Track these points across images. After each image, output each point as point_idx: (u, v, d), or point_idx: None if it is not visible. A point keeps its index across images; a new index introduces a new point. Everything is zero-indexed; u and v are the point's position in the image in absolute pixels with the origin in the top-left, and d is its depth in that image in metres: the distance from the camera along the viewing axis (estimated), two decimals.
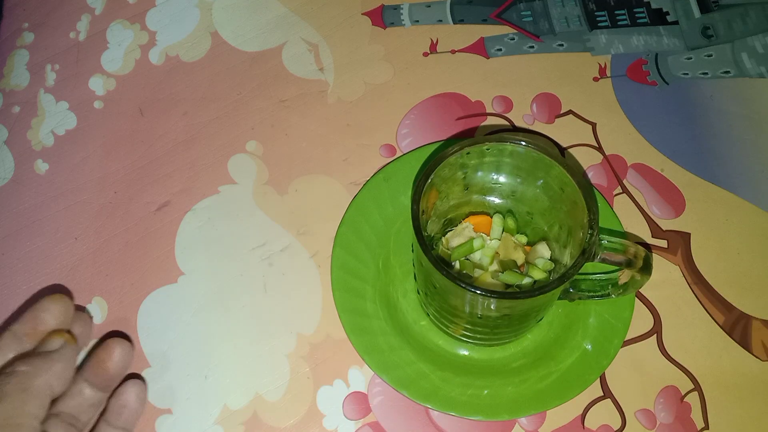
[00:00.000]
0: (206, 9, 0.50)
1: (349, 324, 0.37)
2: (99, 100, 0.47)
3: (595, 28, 0.48)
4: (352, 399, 0.38)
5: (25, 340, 0.32)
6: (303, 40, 0.48)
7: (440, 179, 0.32)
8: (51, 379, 0.30)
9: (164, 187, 0.44)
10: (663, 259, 0.40)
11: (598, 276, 0.35)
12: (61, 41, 0.50)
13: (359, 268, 0.39)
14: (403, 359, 0.37)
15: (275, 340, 0.39)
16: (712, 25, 0.47)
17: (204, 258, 0.42)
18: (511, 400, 0.35)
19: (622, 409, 0.37)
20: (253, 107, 0.46)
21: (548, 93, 0.46)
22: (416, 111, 0.45)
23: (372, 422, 0.37)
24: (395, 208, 0.40)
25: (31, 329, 0.32)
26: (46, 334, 0.32)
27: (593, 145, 0.44)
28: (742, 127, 0.44)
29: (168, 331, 0.40)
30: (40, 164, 0.46)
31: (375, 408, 0.37)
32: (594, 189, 0.40)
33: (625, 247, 0.31)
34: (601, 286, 0.35)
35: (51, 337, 0.32)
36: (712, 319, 0.39)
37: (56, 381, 0.30)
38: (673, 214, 0.41)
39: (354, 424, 0.37)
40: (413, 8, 0.49)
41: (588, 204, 0.30)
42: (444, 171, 0.32)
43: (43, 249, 0.43)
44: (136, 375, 0.38)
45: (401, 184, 0.41)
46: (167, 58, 0.48)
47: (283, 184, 0.43)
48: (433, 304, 0.35)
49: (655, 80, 0.46)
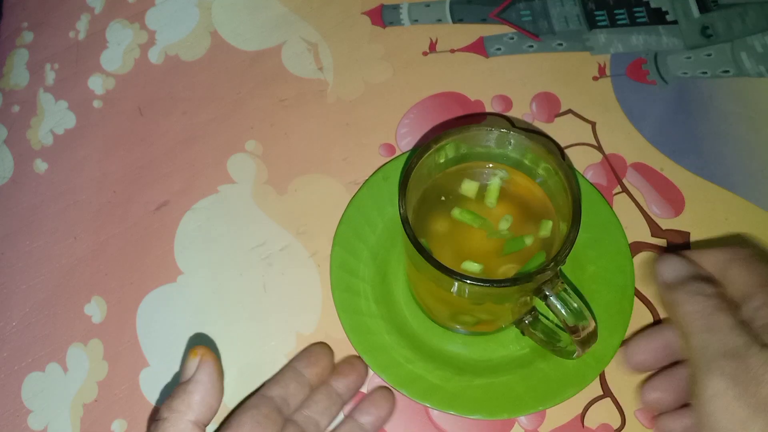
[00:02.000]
0: (206, 8, 0.50)
1: (348, 323, 0.37)
2: (98, 100, 0.47)
3: (595, 28, 0.48)
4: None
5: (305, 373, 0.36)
6: (302, 40, 0.48)
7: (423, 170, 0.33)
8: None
9: (163, 186, 0.44)
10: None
11: (553, 325, 0.35)
12: (60, 40, 0.50)
13: (358, 267, 0.39)
14: (403, 358, 0.37)
15: (274, 339, 0.39)
16: (711, 24, 0.47)
17: (203, 257, 0.42)
18: (511, 399, 0.35)
19: (622, 409, 0.37)
20: (253, 107, 0.46)
21: (548, 92, 0.46)
22: (416, 110, 0.45)
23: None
24: (394, 207, 0.40)
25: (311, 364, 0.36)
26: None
27: (593, 145, 0.44)
28: (741, 127, 0.44)
29: (167, 331, 0.40)
30: (39, 164, 0.46)
31: None
32: (595, 188, 0.41)
33: (579, 309, 0.30)
34: (550, 335, 0.35)
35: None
36: None
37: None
38: (673, 214, 0.41)
39: None
40: (413, 7, 0.49)
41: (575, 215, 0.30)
42: (422, 169, 0.32)
43: (43, 248, 0.43)
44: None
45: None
46: (167, 58, 0.48)
47: (283, 184, 0.43)
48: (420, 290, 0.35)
49: (655, 79, 0.46)
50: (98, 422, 0.38)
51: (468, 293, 0.31)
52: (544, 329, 0.35)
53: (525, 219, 0.34)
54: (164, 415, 0.30)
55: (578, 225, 0.30)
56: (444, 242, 0.33)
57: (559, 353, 0.34)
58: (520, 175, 0.34)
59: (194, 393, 0.30)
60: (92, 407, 0.38)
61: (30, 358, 0.40)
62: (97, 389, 0.39)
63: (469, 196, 0.34)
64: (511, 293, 0.31)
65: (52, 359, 0.40)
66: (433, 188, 0.34)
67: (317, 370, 0.36)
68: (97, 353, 0.39)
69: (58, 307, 0.41)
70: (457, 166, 0.34)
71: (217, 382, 0.31)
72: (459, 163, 0.34)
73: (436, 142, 0.32)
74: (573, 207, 0.30)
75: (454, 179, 0.34)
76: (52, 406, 0.39)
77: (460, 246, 0.33)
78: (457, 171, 0.35)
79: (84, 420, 0.38)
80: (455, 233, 0.34)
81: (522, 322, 0.35)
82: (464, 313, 0.36)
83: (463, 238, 0.34)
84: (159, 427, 0.30)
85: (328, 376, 0.36)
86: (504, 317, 0.36)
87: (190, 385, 0.30)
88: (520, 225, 0.34)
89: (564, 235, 0.30)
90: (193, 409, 0.30)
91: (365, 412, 0.36)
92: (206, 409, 0.30)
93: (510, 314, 0.35)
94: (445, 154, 0.33)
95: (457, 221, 0.34)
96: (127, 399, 0.38)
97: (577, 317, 0.30)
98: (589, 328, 0.30)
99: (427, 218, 0.34)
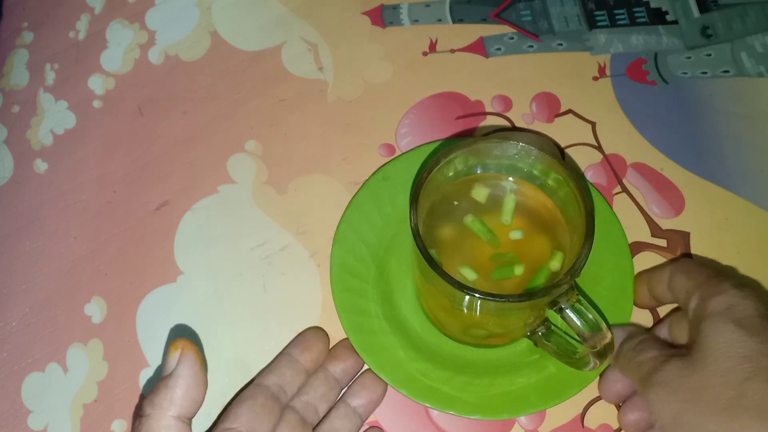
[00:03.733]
0: (206, 8, 0.50)
1: (348, 323, 0.37)
2: (98, 100, 0.47)
3: (595, 28, 0.48)
4: None
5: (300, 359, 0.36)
6: (302, 40, 0.48)
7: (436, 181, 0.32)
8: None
9: (163, 186, 0.44)
10: (663, 258, 0.40)
11: (568, 337, 0.35)
12: (60, 40, 0.50)
13: (358, 267, 0.39)
14: (403, 358, 0.37)
15: (275, 339, 0.39)
16: (711, 24, 0.47)
17: (203, 257, 0.42)
18: (512, 399, 0.35)
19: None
20: (253, 107, 0.46)
21: (548, 92, 0.46)
22: (416, 110, 0.45)
23: (371, 421, 0.37)
24: (394, 208, 0.40)
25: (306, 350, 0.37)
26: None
27: (593, 145, 0.44)
28: (741, 127, 0.44)
29: (167, 331, 0.40)
30: (39, 164, 0.46)
31: None
32: (595, 188, 0.41)
33: (594, 321, 0.30)
34: (565, 346, 0.35)
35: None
36: None
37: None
38: (673, 214, 0.41)
39: None
40: (412, 7, 0.49)
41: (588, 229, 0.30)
42: (438, 176, 0.32)
43: (42, 248, 0.43)
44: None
45: (400, 184, 0.40)
46: (167, 58, 0.48)
47: (283, 184, 0.43)
48: (431, 304, 0.35)
49: (655, 79, 0.46)
50: (98, 422, 0.38)
51: (480, 307, 0.31)
52: (558, 341, 0.35)
53: (536, 232, 0.34)
54: (147, 412, 0.30)
55: (592, 238, 0.30)
56: (448, 246, 0.33)
57: (574, 365, 0.34)
58: (529, 186, 0.34)
59: (176, 388, 0.30)
60: (92, 407, 0.38)
61: (30, 358, 0.40)
62: (97, 389, 0.39)
63: (479, 201, 0.34)
64: (525, 307, 0.31)
65: (52, 359, 0.40)
66: (442, 200, 0.34)
67: (312, 356, 0.36)
68: (97, 353, 0.39)
69: (58, 307, 0.41)
70: (465, 178, 0.34)
71: (200, 374, 0.30)
72: (467, 175, 0.34)
73: (446, 156, 0.32)
74: (586, 220, 0.30)
75: (463, 189, 0.34)
76: (52, 406, 0.39)
77: (462, 252, 0.33)
78: (466, 182, 0.34)
79: (84, 420, 0.38)
80: (462, 239, 0.34)
81: (535, 333, 0.35)
82: (476, 327, 0.35)
83: (469, 246, 0.34)
84: (143, 424, 0.29)
85: (323, 360, 0.36)
86: (517, 330, 0.36)
87: (172, 379, 0.30)
88: (531, 240, 0.34)
89: (578, 247, 0.30)
90: (175, 405, 0.30)
91: (357, 396, 0.36)
92: (189, 404, 0.30)
93: (523, 327, 0.35)
94: (455, 167, 0.33)
95: (465, 228, 0.34)
96: (127, 399, 0.38)
97: (594, 329, 0.30)
98: (605, 339, 0.30)
99: (435, 226, 0.34)
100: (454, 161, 0.33)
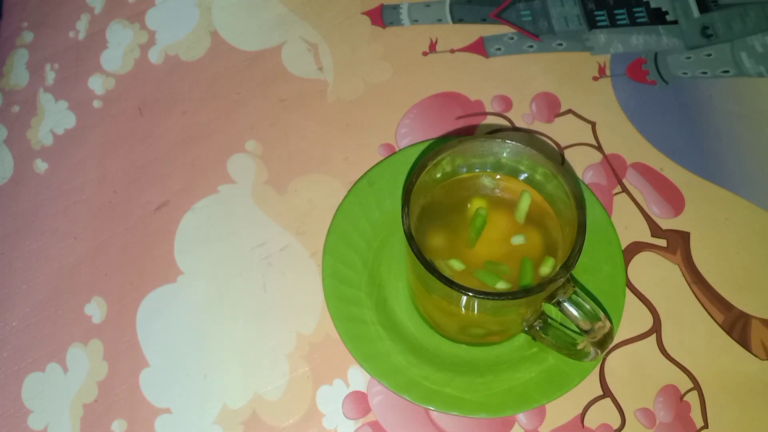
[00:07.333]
0: (206, 8, 0.50)
1: (345, 332, 0.37)
2: (98, 100, 0.47)
3: (595, 28, 0.48)
4: (352, 398, 0.38)
5: None
6: (302, 40, 0.48)
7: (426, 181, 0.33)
8: None
9: (163, 186, 0.44)
10: (662, 258, 0.40)
11: (566, 329, 0.35)
12: (60, 40, 0.50)
13: (350, 276, 0.39)
14: (403, 364, 0.36)
15: (274, 339, 0.39)
16: (711, 24, 0.47)
17: (203, 257, 0.42)
18: (514, 394, 0.35)
19: (622, 408, 0.37)
20: (253, 107, 0.46)
21: (547, 92, 0.46)
22: (415, 110, 0.45)
23: (371, 422, 0.37)
24: (381, 212, 0.40)
25: None
26: None
27: (593, 145, 0.44)
28: (741, 127, 0.44)
29: (167, 331, 0.40)
30: (39, 164, 0.46)
31: (375, 407, 0.37)
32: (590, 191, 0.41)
33: (593, 311, 0.30)
34: (563, 338, 0.35)
35: None
36: (711, 319, 0.39)
37: None
38: (673, 214, 0.41)
39: (353, 424, 0.37)
40: (412, 8, 0.49)
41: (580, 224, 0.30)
42: (427, 176, 0.32)
43: (42, 248, 0.43)
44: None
45: (385, 188, 0.40)
46: (167, 58, 0.48)
47: (283, 184, 0.43)
48: (427, 306, 0.35)
49: (655, 79, 0.46)
50: (98, 422, 0.38)
51: (478, 306, 0.31)
52: (556, 333, 0.35)
53: (533, 231, 0.34)
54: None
55: (584, 231, 0.30)
56: (439, 242, 0.33)
57: (574, 356, 0.34)
58: (516, 182, 0.34)
59: None
60: (92, 407, 0.38)
61: (30, 359, 0.40)
62: (97, 389, 0.39)
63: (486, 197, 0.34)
64: (523, 303, 0.31)
65: (52, 359, 0.40)
66: (431, 203, 0.34)
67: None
68: (97, 353, 0.39)
69: (58, 307, 0.41)
70: (453, 179, 0.34)
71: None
72: (456, 176, 0.34)
73: (433, 158, 0.32)
74: (578, 213, 0.30)
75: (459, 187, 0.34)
76: (52, 407, 0.39)
77: (452, 246, 0.33)
78: (455, 183, 0.34)
79: (84, 420, 0.38)
80: (454, 233, 0.34)
81: (533, 327, 0.35)
82: (474, 326, 0.35)
83: (461, 240, 0.33)
84: None
85: None
86: (515, 326, 0.36)
87: None
88: (529, 241, 0.34)
89: (571, 239, 0.30)
90: None
91: None
92: None
93: (521, 323, 0.35)
94: (442, 168, 0.33)
95: (458, 222, 0.34)
96: (127, 399, 0.38)
97: (592, 319, 0.30)
98: (604, 329, 0.30)
99: (426, 226, 0.34)
100: (441, 162, 0.33)
